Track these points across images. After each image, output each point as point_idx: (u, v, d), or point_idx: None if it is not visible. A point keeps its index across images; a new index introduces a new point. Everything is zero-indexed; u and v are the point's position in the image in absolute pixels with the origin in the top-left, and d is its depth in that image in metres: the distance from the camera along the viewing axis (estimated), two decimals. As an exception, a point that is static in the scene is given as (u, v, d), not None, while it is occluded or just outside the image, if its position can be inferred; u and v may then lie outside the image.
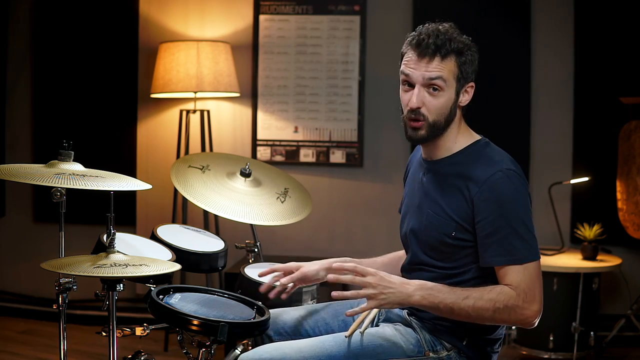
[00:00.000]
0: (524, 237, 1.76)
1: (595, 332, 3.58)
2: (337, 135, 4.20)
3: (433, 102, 1.84)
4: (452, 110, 1.86)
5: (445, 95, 1.84)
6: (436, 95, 1.84)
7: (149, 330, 1.98)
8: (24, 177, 1.78)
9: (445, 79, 1.83)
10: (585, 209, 4.01)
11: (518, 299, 1.73)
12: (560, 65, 4.05)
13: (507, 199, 1.78)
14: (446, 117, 1.86)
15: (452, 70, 1.84)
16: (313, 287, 2.34)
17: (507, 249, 1.75)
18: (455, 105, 1.87)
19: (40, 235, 4.43)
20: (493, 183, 1.78)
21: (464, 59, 1.85)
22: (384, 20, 4.16)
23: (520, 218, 1.77)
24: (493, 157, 1.85)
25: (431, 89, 1.84)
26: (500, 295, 1.73)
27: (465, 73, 1.86)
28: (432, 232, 1.87)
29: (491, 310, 1.73)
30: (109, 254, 1.83)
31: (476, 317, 1.75)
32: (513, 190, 1.78)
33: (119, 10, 4.34)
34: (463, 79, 1.86)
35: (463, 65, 1.85)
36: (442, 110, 1.85)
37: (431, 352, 1.86)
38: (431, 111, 1.85)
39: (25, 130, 4.50)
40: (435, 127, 1.86)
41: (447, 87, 1.84)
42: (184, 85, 3.83)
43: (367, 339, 1.87)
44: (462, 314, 1.75)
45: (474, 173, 1.81)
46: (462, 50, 1.85)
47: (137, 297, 4.20)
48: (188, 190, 2.44)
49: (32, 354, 3.79)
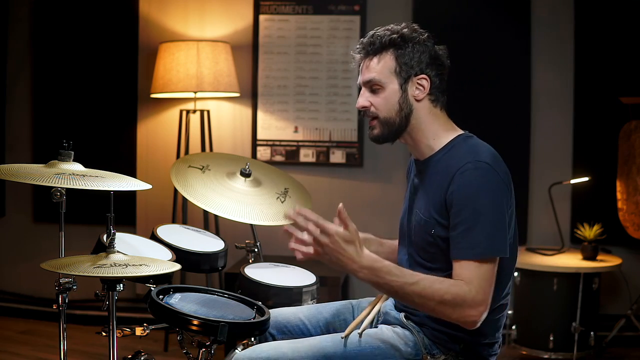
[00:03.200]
0: (488, 231, 1.72)
1: (595, 332, 3.58)
2: (337, 135, 4.20)
3: (376, 99, 1.88)
4: (402, 105, 1.87)
5: (386, 91, 1.87)
6: (377, 93, 1.88)
7: (149, 330, 1.98)
8: (24, 177, 1.78)
9: (378, 78, 1.86)
10: (585, 209, 4.00)
11: (467, 296, 1.68)
12: (560, 65, 4.06)
13: (472, 190, 1.74)
14: (398, 112, 1.86)
15: (387, 66, 1.86)
16: (313, 287, 2.34)
17: (470, 242, 1.71)
18: (405, 99, 1.87)
19: (40, 235, 4.43)
20: (461, 174, 1.75)
21: (401, 52, 1.86)
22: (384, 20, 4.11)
23: (486, 212, 1.72)
24: (469, 150, 1.82)
25: (372, 89, 1.89)
26: (451, 287, 1.69)
27: (405, 66, 1.86)
28: (419, 232, 1.87)
29: (437, 301, 1.69)
30: (109, 254, 1.83)
31: (420, 304, 1.72)
32: (480, 183, 1.74)
33: (119, 10, 4.34)
34: (404, 72, 1.86)
35: (401, 57, 1.86)
36: (389, 106, 1.87)
37: (429, 356, 1.86)
38: (378, 107, 1.89)
39: (25, 130, 4.50)
40: (389, 123, 1.88)
41: (385, 84, 1.86)
42: (184, 85, 3.83)
43: (365, 340, 1.87)
44: (407, 299, 1.73)
45: (450, 168, 1.80)
46: (397, 43, 1.86)
47: (137, 297, 4.20)
48: (188, 190, 2.44)
49: (32, 354, 3.79)
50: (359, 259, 1.72)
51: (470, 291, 1.68)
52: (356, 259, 1.72)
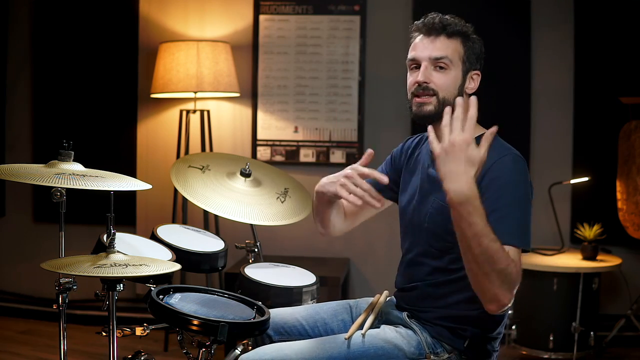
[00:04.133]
0: (523, 222, 1.74)
1: (595, 332, 3.58)
2: (337, 135, 4.20)
3: (441, 77, 1.87)
4: (459, 91, 1.88)
5: (452, 73, 1.87)
6: (443, 72, 1.87)
7: (149, 330, 1.98)
8: (24, 177, 1.78)
9: (450, 58, 1.86)
10: (585, 209, 4.00)
11: (516, 276, 1.62)
12: (560, 65, 4.06)
13: (512, 179, 1.75)
14: (455, 97, 1.84)
15: (457, 50, 1.88)
16: (313, 288, 2.34)
17: (508, 229, 1.69)
18: (462, 88, 1.89)
19: (40, 235, 4.43)
20: (502, 163, 1.77)
21: (470, 43, 1.89)
22: (384, 20, 4.16)
23: (521, 202, 1.75)
24: (502, 144, 1.85)
25: (437, 67, 1.87)
26: (510, 264, 1.61)
27: (470, 57, 1.89)
28: (439, 219, 1.85)
29: (502, 265, 1.59)
30: (109, 254, 1.83)
31: (481, 262, 1.60)
32: (519, 174, 1.77)
33: (119, 10, 4.34)
34: (469, 63, 1.89)
35: (469, 48, 1.89)
36: (450, 87, 1.87)
37: (432, 355, 1.86)
38: (439, 87, 1.86)
39: (25, 130, 4.50)
40: (445, 104, 1.82)
41: (453, 66, 1.87)
42: (184, 85, 3.83)
43: (368, 340, 1.86)
44: (473, 251, 1.60)
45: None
46: (467, 34, 1.90)
47: (137, 297, 4.20)
48: (188, 190, 2.44)
49: (32, 354, 3.79)
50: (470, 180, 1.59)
51: (518, 273, 1.63)
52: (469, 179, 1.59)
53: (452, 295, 1.83)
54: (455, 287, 1.85)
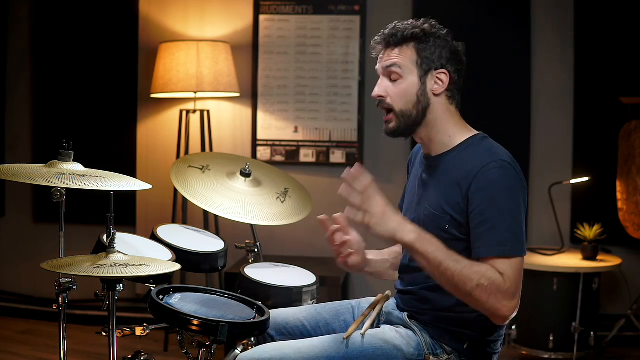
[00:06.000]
0: (513, 230, 1.73)
1: (595, 332, 3.58)
2: (337, 135, 4.20)
3: (394, 90, 1.88)
4: (420, 98, 1.87)
5: (405, 81, 1.87)
6: (396, 83, 1.88)
7: (149, 330, 1.98)
8: (24, 177, 1.78)
9: (400, 65, 1.86)
10: (585, 209, 4.01)
11: (503, 286, 1.67)
12: (560, 65, 4.06)
13: (498, 189, 1.75)
14: (415, 104, 1.86)
15: (409, 56, 1.87)
16: (313, 288, 2.34)
17: (497, 239, 1.71)
18: (424, 92, 1.87)
19: (40, 235, 4.43)
20: (486, 172, 1.76)
21: (423, 46, 1.87)
22: (384, 20, 4.10)
23: (511, 210, 1.74)
24: (489, 149, 1.83)
25: (391, 79, 1.88)
26: (488, 272, 1.68)
27: (427, 59, 1.86)
28: (429, 227, 1.85)
29: (475, 282, 1.66)
30: (109, 254, 1.83)
31: (457, 283, 1.68)
32: (505, 181, 1.76)
33: (119, 10, 4.34)
34: (427, 64, 1.86)
35: (422, 51, 1.86)
36: (406, 97, 1.87)
37: (432, 356, 1.85)
38: (395, 99, 1.88)
39: (25, 130, 4.50)
40: (405, 116, 1.87)
41: (405, 74, 1.86)
42: (184, 85, 3.84)
43: (368, 340, 1.86)
44: (446, 275, 1.68)
45: (469, 166, 1.80)
46: (419, 36, 1.87)
47: (137, 297, 4.20)
48: (188, 190, 2.44)
49: (32, 354, 3.79)
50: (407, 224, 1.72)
51: (505, 282, 1.67)
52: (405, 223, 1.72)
53: (449, 299, 1.83)
54: None
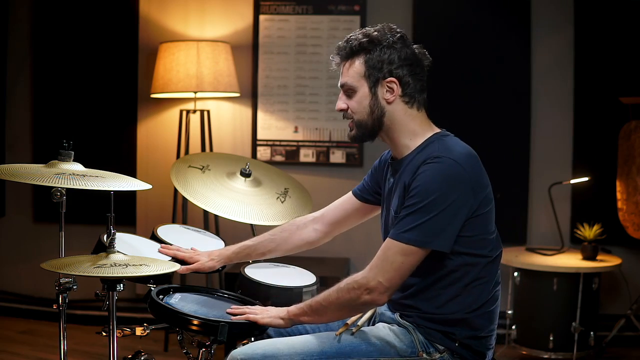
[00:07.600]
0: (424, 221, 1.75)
1: (595, 332, 3.58)
2: (337, 135, 4.20)
3: (351, 102, 1.94)
4: (373, 108, 1.90)
5: (358, 95, 1.92)
6: (351, 96, 1.93)
7: (149, 330, 1.98)
8: (24, 177, 1.78)
9: (351, 83, 1.92)
10: (585, 209, 4.01)
11: (361, 280, 1.80)
12: (560, 65, 4.06)
13: (426, 180, 1.77)
14: (369, 114, 1.91)
15: (357, 71, 1.91)
16: (313, 288, 2.34)
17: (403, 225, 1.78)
18: (376, 102, 1.90)
19: (40, 235, 4.43)
20: (423, 167, 1.80)
21: (369, 56, 1.89)
22: (384, 20, 4.10)
23: (433, 202, 1.75)
24: (441, 147, 1.85)
25: (346, 92, 1.94)
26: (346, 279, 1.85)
27: (374, 70, 1.89)
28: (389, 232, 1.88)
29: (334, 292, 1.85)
30: (109, 254, 1.83)
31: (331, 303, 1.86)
32: (436, 175, 1.77)
33: (119, 10, 4.34)
34: (374, 75, 1.89)
35: (369, 61, 1.89)
36: (361, 108, 1.92)
37: (424, 354, 1.86)
38: (353, 111, 1.94)
39: (25, 130, 4.50)
40: (362, 125, 1.93)
41: (357, 88, 1.91)
42: (184, 85, 3.84)
43: (361, 337, 1.88)
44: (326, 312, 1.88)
45: (417, 165, 1.83)
46: (366, 47, 1.89)
47: (137, 297, 4.19)
48: (188, 190, 2.44)
49: (32, 354, 3.79)
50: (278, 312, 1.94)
51: (366, 276, 1.80)
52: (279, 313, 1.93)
53: (435, 300, 1.85)
54: (435, 292, 1.86)
